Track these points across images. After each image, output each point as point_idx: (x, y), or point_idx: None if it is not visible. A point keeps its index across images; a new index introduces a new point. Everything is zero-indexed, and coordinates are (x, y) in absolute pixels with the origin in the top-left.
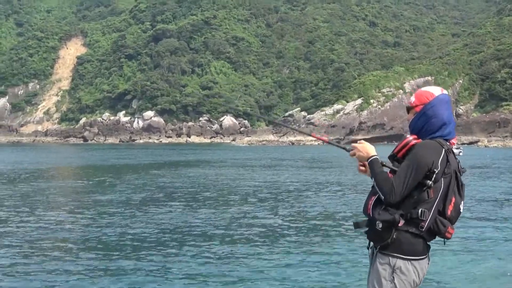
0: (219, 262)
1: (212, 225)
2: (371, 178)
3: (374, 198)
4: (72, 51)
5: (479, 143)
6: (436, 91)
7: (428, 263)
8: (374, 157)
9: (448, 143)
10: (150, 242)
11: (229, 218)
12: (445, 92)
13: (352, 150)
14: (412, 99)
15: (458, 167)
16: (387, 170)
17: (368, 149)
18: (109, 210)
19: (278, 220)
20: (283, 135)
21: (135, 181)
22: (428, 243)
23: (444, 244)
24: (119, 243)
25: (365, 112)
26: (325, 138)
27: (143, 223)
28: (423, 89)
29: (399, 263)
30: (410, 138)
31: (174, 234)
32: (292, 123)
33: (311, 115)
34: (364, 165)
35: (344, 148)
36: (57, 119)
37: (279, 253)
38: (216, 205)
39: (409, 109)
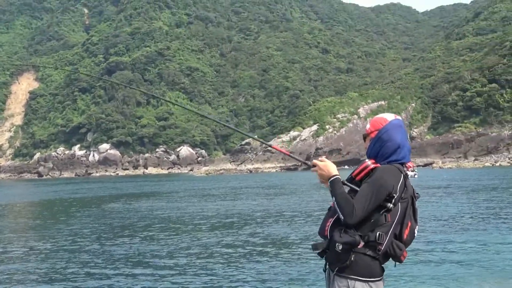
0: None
1: (167, 253)
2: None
3: (331, 220)
4: (24, 86)
5: (434, 165)
6: (389, 116)
7: (383, 285)
8: (336, 176)
9: (404, 168)
10: (106, 272)
11: (184, 246)
12: (398, 117)
13: (313, 166)
14: (368, 126)
15: (414, 193)
16: (347, 189)
17: (330, 168)
18: (62, 243)
19: (233, 246)
20: (241, 163)
21: (90, 214)
22: (382, 265)
23: (395, 266)
24: (70, 275)
25: (321, 138)
26: (286, 151)
27: (98, 255)
28: (377, 116)
29: (358, 285)
30: (369, 162)
31: (127, 265)
32: (249, 151)
33: (268, 143)
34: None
35: (306, 163)
36: (11, 155)
37: (235, 276)
38: (172, 234)
39: (365, 136)
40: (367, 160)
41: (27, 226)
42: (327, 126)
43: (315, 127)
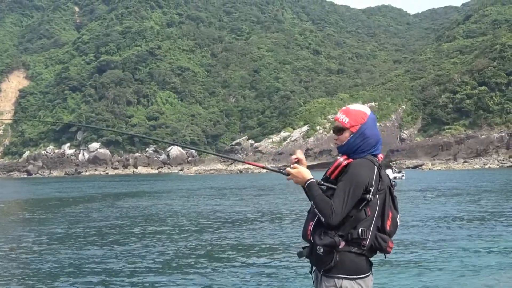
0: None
1: (153, 254)
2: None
3: (312, 223)
4: (14, 84)
5: (424, 167)
6: (367, 110)
7: (372, 280)
8: (311, 180)
9: (376, 159)
10: (89, 272)
11: (173, 246)
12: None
13: (288, 175)
14: (345, 119)
15: (390, 182)
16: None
17: (304, 173)
18: (45, 242)
19: (221, 247)
20: (231, 164)
21: (78, 213)
22: (370, 259)
23: (385, 257)
24: (52, 274)
25: (311, 139)
26: (260, 164)
27: (79, 255)
28: (354, 108)
29: (345, 283)
30: (341, 159)
31: (112, 265)
32: (240, 151)
33: (258, 143)
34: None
35: (280, 172)
36: (0, 153)
37: (223, 277)
38: (160, 234)
39: (341, 129)
40: (339, 157)
41: (10, 225)
42: (318, 127)
43: (305, 128)
